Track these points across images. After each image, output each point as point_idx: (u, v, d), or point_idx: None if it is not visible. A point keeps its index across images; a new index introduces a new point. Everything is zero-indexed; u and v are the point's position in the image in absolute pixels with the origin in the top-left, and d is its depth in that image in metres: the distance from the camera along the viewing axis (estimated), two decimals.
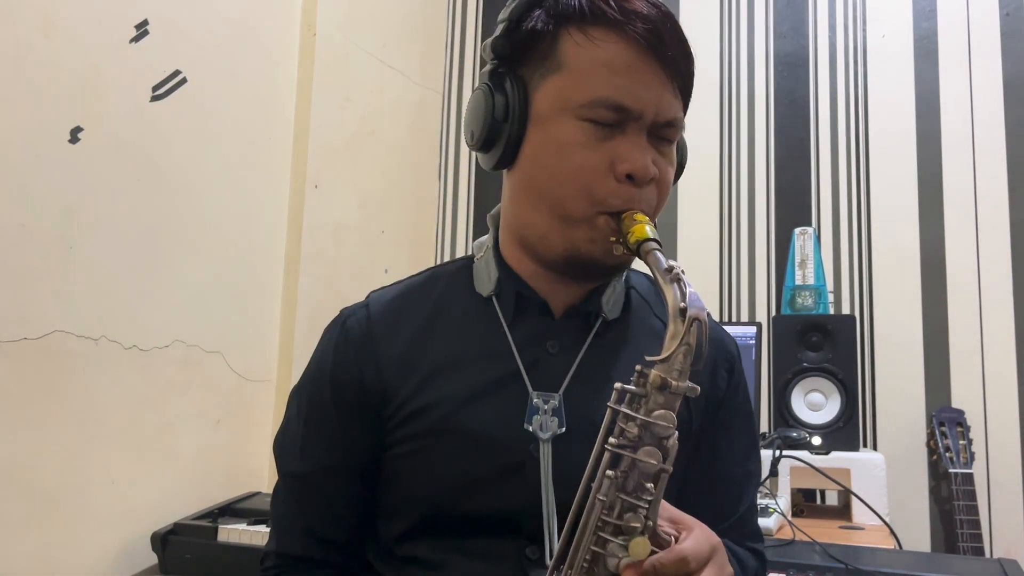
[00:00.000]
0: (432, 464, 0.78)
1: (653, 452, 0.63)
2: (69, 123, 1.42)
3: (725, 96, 2.34)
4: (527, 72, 0.77)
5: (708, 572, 0.63)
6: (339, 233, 2.11)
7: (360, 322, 0.84)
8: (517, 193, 0.80)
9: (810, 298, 1.99)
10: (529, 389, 0.78)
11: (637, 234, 0.70)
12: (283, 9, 1.98)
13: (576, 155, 0.73)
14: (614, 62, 0.73)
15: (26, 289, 1.36)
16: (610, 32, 0.73)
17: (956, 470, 1.82)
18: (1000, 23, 2.09)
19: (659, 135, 0.76)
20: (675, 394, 0.63)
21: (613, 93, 0.73)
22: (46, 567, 1.38)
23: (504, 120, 0.76)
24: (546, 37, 0.76)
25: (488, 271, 0.83)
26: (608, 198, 0.73)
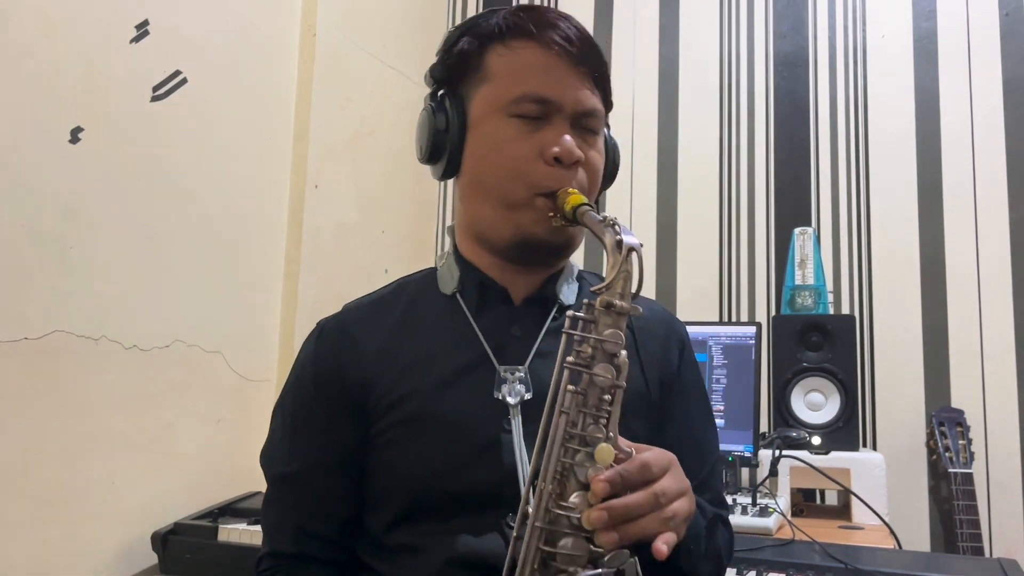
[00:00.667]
0: (413, 450, 0.83)
1: (607, 368, 0.71)
2: (69, 123, 1.43)
3: (725, 96, 2.34)
4: (462, 89, 0.89)
5: (668, 479, 0.71)
6: (339, 233, 2.11)
7: (336, 324, 0.92)
8: (466, 194, 0.90)
9: (810, 298, 1.99)
10: (496, 365, 0.85)
11: (571, 202, 0.80)
12: (283, 9, 1.98)
13: (509, 147, 0.84)
14: (533, 64, 0.84)
15: (26, 289, 1.36)
16: (528, 41, 0.85)
17: (956, 470, 1.82)
18: (1000, 24, 2.09)
19: (582, 125, 0.86)
20: (620, 314, 0.72)
21: (534, 88, 0.83)
22: (46, 567, 1.38)
23: (445, 131, 0.87)
24: (474, 55, 0.87)
25: (451, 272, 0.92)
26: (542, 180, 0.83)
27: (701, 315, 2.24)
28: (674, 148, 2.38)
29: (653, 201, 2.37)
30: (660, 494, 0.69)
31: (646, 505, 0.68)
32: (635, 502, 0.68)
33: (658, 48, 2.43)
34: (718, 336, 1.88)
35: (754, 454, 1.77)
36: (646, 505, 0.68)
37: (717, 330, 1.89)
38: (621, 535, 0.67)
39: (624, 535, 0.67)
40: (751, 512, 1.57)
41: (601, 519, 0.66)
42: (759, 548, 1.39)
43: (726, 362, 1.85)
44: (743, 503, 1.63)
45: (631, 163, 2.42)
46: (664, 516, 0.69)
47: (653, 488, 0.69)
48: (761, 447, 1.78)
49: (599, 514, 0.66)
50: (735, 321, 2.23)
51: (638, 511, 0.68)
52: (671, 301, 2.30)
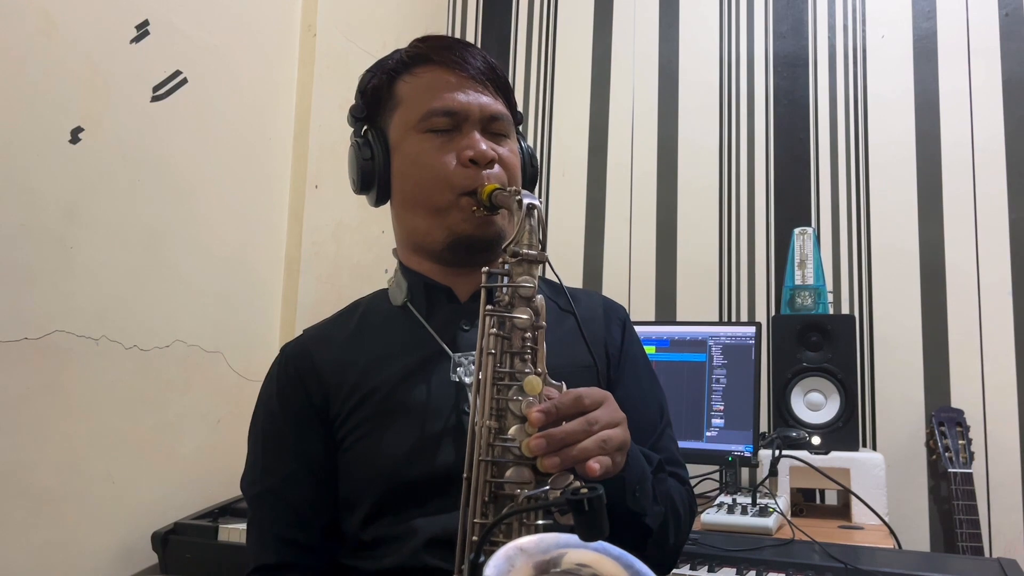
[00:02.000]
0: (380, 443, 0.88)
1: (524, 310, 0.79)
2: (70, 123, 1.43)
3: (725, 96, 2.34)
4: (380, 120, 0.99)
5: (601, 411, 0.76)
6: (339, 233, 2.11)
7: (296, 345, 0.99)
8: (399, 212, 0.99)
9: (809, 298, 2.00)
10: (450, 353, 0.93)
11: (487, 190, 0.88)
12: (283, 9, 1.98)
13: (428, 159, 0.93)
14: (434, 83, 0.95)
15: (26, 289, 1.36)
16: (427, 66, 0.96)
17: (955, 470, 1.82)
18: (999, 24, 2.09)
19: (491, 130, 0.95)
20: (528, 261, 0.80)
21: (440, 103, 0.93)
22: (46, 567, 1.38)
23: (371, 159, 0.97)
24: (384, 88, 0.98)
25: (399, 285, 1.00)
26: (462, 181, 0.91)
27: (701, 315, 2.25)
28: (674, 148, 2.38)
29: (653, 201, 2.38)
30: (593, 422, 0.74)
31: (581, 431, 0.73)
32: (571, 428, 0.73)
33: (658, 48, 2.44)
34: (718, 336, 1.88)
35: (754, 454, 1.77)
36: (581, 431, 0.73)
37: (717, 330, 1.89)
38: (561, 459, 0.72)
39: (564, 459, 0.72)
40: (751, 512, 1.57)
41: (540, 446, 0.72)
42: (759, 548, 1.39)
43: (726, 362, 1.85)
44: (743, 503, 1.63)
45: (631, 163, 2.42)
46: (600, 439, 0.73)
47: (587, 416, 0.74)
48: (761, 447, 1.78)
49: (538, 441, 0.72)
50: (735, 321, 2.23)
51: (574, 437, 0.73)
52: (671, 301, 2.30)
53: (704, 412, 1.83)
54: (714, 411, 1.83)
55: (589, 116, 2.49)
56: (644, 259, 2.35)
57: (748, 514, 1.56)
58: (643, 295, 2.32)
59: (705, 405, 1.83)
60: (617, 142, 2.44)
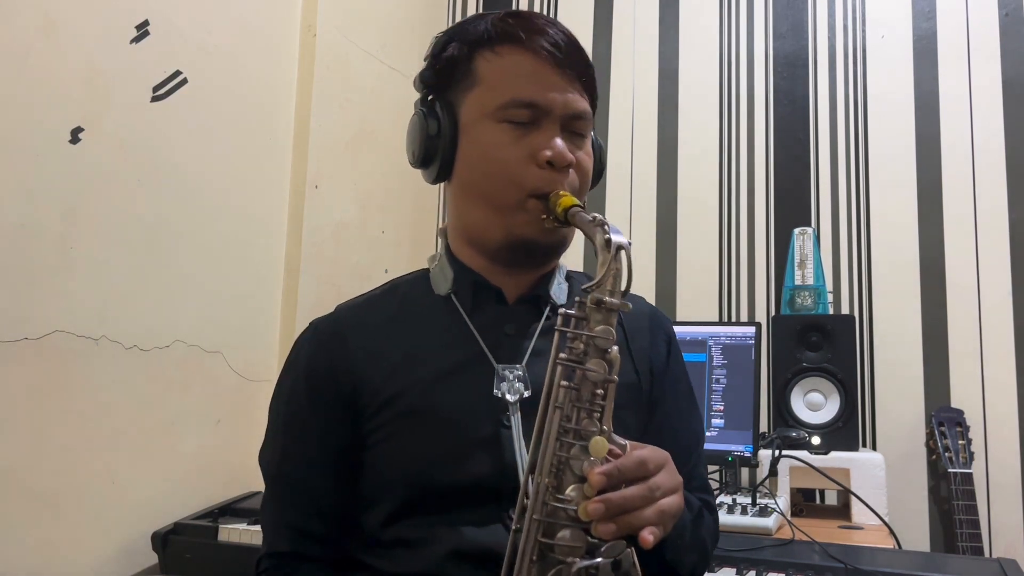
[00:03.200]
0: (410, 444, 0.84)
1: (599, 363, 0.73)
2: (70, 123, 1.43)
3: (725, 96, 2.34)
4: (452, 94, 0.89)
5: (662, 475, 0.72)
6: (339, 233, 2.11)
7: (329, 323, 0.93)
8: (458, 198, 0.91)
9: (809, 298, 2.00)
10: (494, 363, 0.87)
11: (562, 204, 0.81)
12: (283, 9, 1.98)
13: (500, 152, 0.85)
14: (521, 69, 0.86)
15: (26, 289, 1.36)
16: (515, 47, 0.86)
17: (955, 470, 1.82)
18: (999, 24, 2.09)
19: (571, 128, 0.87)
20: (610, 310, 0.73)
21: (523, 93, 0.85)
22: (46, 567, 1.38)
23: (437, 135, 0.88)
24: (462, 61, 0.89)
25: (444, 273, 0.93)
26: (534, 183, 0.84)
27: (701, 315, 2.24)
28: (674, 148, 2.38)
29: (653, 201, 2.37)
30: (655, 488, 0.71)
31: (641, 499, 0.70)
32: (631, 495, 0.69)
33: (658, 48, 2.44)
34: (718, 336, 1.88)
35: (754, 454, 1.77)
36: (641, 499, 0.70)
37: (717, 330, 1.89)
38: (618, 526, 0.68)
39: (621, 526, 0.68)
40: (751, 512, 1.57)
41: (598, 511, 0.68)
42: (759, 548, 1.39)
43: (726, 362, 1.85)
44: (743, 503, 1.63)
45: (631, 163, 2.42)
46: (659, 509, 0.70)
47: (648, 483, 0.71)
48: (761, 447, 1.78)
49: (596, 506, 0.68)
50: (735, 321, 2.23)
51: (633, 504, 0.69)
52: (671, 301, 2.30)
53: (704, 412, 1.83)
54: (714, 411, 1.83)
55: None
56: (644, 259, 2.35)
57: (748, 514, 1.56)
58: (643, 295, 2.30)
59: (705, 405, 1.83)
60: (617, 142, 2.44)
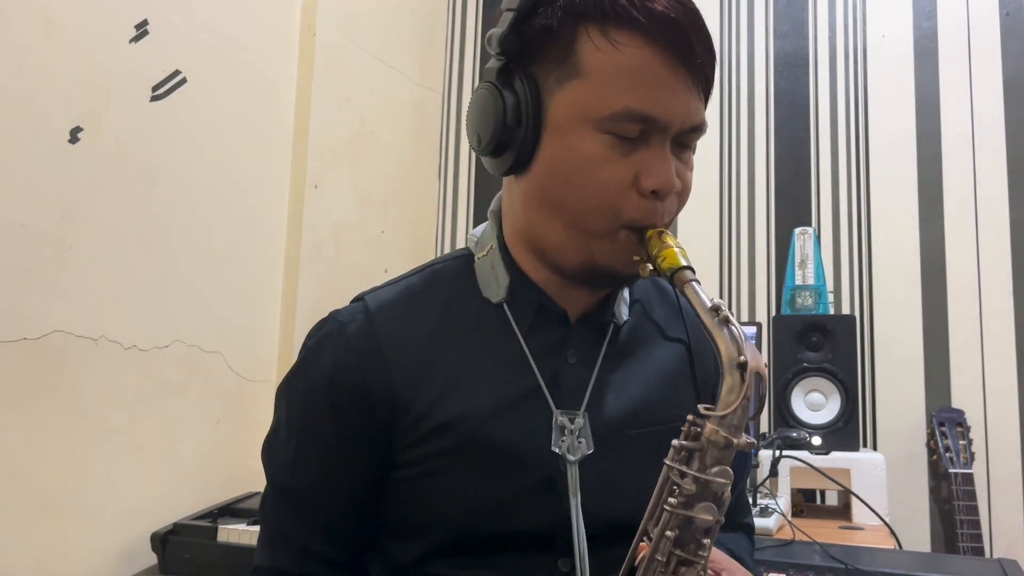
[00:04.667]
0: (459, 484, 0.74)
1: (710, 508, 0.61)
2: (69, 123, 1.42)
3: (725, 96, 2.34)
4: (539, 73, 0.71)
5: None
6: (339, 233, 2.11)
7: (362, 327, 0.77)
8: (530, 200, 0.74)
9: (810, 298, 1.99)
10: (553, 408, 0.74)
11: (670, 260, 0.66)
12: (283, 9, 1.98)
13: (598, 170, 0.69)
14: (640, 71, 0.67)
15: (26, 289, 1.35)
16: (634, 36, 0.67)
17: (956, 470, 1.82)
18: (1000, 23, 2.09)
19: (682, 142, 0.72)
20: (732, 450, 0.61)
21: (639, 104, 0.67)
22: (46, 567, 1.38)
23: (516, 125, 0.71)
24: (562, 37, 0.69)
25: (496, 275, 0.78)
26: (632, 214, 0.69)
27: None
28: None
29: None
30: None
31: None
32: None
33: None
34: None
35: (755, 454, 1.77)
36: None
37: None
38: None
39: None
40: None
41: None
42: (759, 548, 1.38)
43: None
44: None
45: None
46: None
47: None
48: (761, 447, 1.78)
49: None
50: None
51: None
52: None
53: None
54: None
55: None
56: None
57: None
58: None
59: None
60: None
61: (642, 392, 0.79)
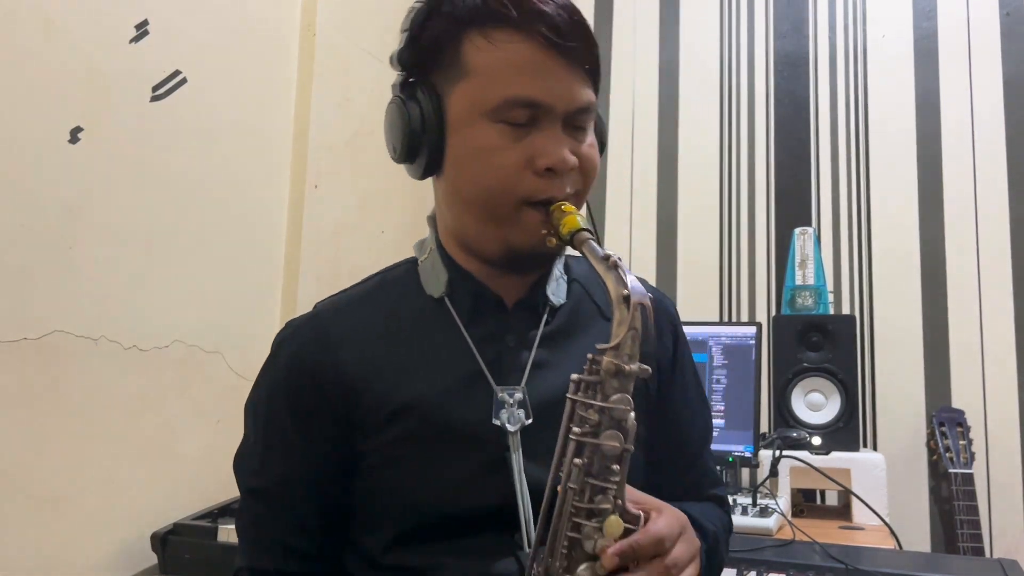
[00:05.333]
0: (415, 468, 0.79)
1: (615, 435, 0.67)
2: (69, 123, 1.42)
3: (725, 96, 2.34)
4: (437, 79, 0.79)
5: (679, 548, 0.68)
6: (339, 233, 2.11)
7: (312, 330, 0.85)
8: (448, 198, 0.82)
9: (810, 298, 1.99)
10: (493, 385, 0.80)
11: (569, 225, 0.73)
12: (283, 9, 1.98)
13: (494, 157, 0.75)
14: (518, 61, 0.75)
15: (26, 289, 1.35)
16: (510, 32, 0.75)
17: (956, 470, 1.82)
18: (1000, 23, 2.09)
19: (574, 123, 0.78)
20: (628, 377, 0.67)
21: (522, 91, 0.74)
22: (46, 567, 1.38)
23: (422, 130, 0.78)
24: (448, 43, 0.78)
25: (436, 272, 0.85)
26: (531, 192, 0.76)
27: (701, 315, 2.24)
28: (674, 148, 2.37)
29: (653, 201, 2.37)
30: (672, 565, 0.67)
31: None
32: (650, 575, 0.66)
33: (658, 48, 2.43)
34: (718, 336, 1.88)
35: (754, 454, 1.77)
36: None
37: (717, 330, 1.89)
38: None
39: None
40: (751, 512, 1.57)
41: None
42: (759, 548, 1.39)
43: (726, 362, 1.85)
44: (743, 503, 1.63)
45: (631, 163, 2.41)
46: None
47: (665, 560, 0.67)
48: (761, 447, 1.78)
49: None
50: (735, 321, 2.23)
51: None
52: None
53: None
54: (715, 411, 1.82)
55: None
56: (644, 259, 2.35)
57: (749, 514, 1.56)
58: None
59: None
60: (617, 142, 2.44)
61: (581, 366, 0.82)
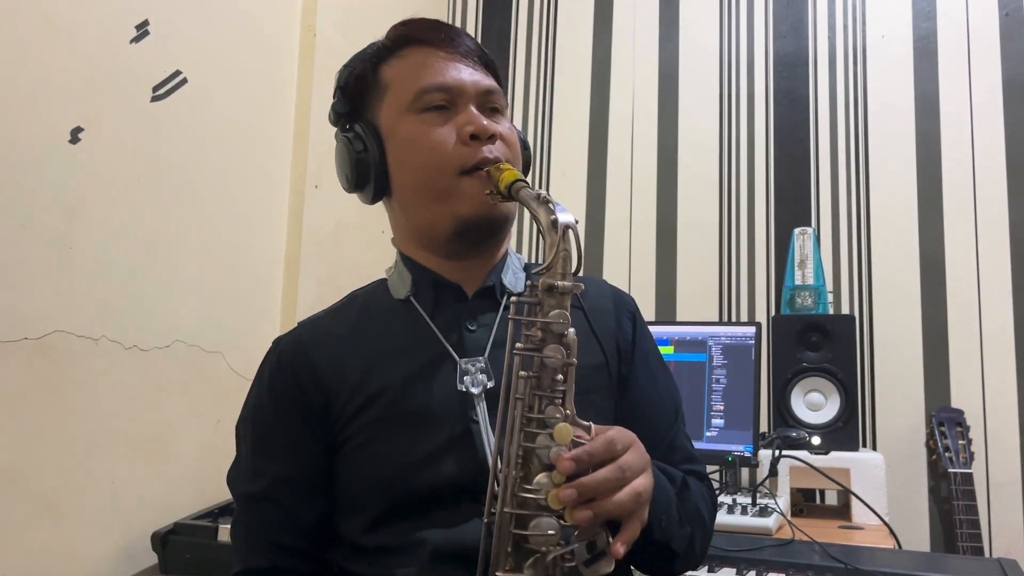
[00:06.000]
0: (384, 450, 0.84)
1: (557, 348, 0.72)
2: (69, 123, 1.42)
3: (725, 96, 2.34)
4: (367, 112, 0.93)
5: (630, 455, 0.72)
6: (339, 233, 2.11)
7: (290, 341, 0.93)
8: (401, 205, 0.93)
9: (810, 298, 2.00)
10: (456, 358, 0.87)
11: (506, 179, 0.81)
12: (283, 9, 1.98)
13: (426, 140, 0.86)
14: (421, 60, 0.90)
15: (26, 289, 1.36)
16: (413, 47, 0.92)
17: (955, 470, 1.82)
18: (1000, 24, 2.09)
19: (487, 105, 0.90)
20: (563, 293, 0.73)
21: (432, 79, 0.88)
22: (46, 567, 1.38)
23: (364, 151, 0.90)
24: (368, 75, 0.93)
25: (401, 278, 0.94)
26: (465, 160, 0.85)
27: (701, 315, 2.24)
28: (674, 148, 2.38)
29: (653, 201, 2.37)
30: (625, 468, 0.70)
31: (614, 480, 0.69)
32: (604, 477, 0.68)
33: (658, 48, 2.43)
34: (718, 336, 1.88)
35: (754, 454, 1.77)
36: (614, 480, 0.69)
37: (717, 330, 1.89)
38: (593, 511, 0.67)
39: (596, 511, 0.67)
40: (751, 512, 1.57)
41: (571, 497, 0.67)
42: (759, 548, 1.39)
43: (726, 362, 1.85)
44: (743, 503, 1.63)
45: (631, 163, 2.42)
46: (634, 491, 0.70)
47: (618, 463, 0.70)
48: (761, 447, 1.78)
49: (568, 492, 0.67)
50: (735, 321, 2.23)
51: (607, 486, 0.68)
52: (671, 301, 2.30)
53: (704, 412, 1.83)
54: (714, 411, 1.83)
55: (589, 116, 2.49)
56: (644, 259, 2.35)
57: (748, 514, 1.56)
58: (643, 295, 2.32)
59: (705, 405, 1.83)
60: (617, 142, 2.44)
61: None
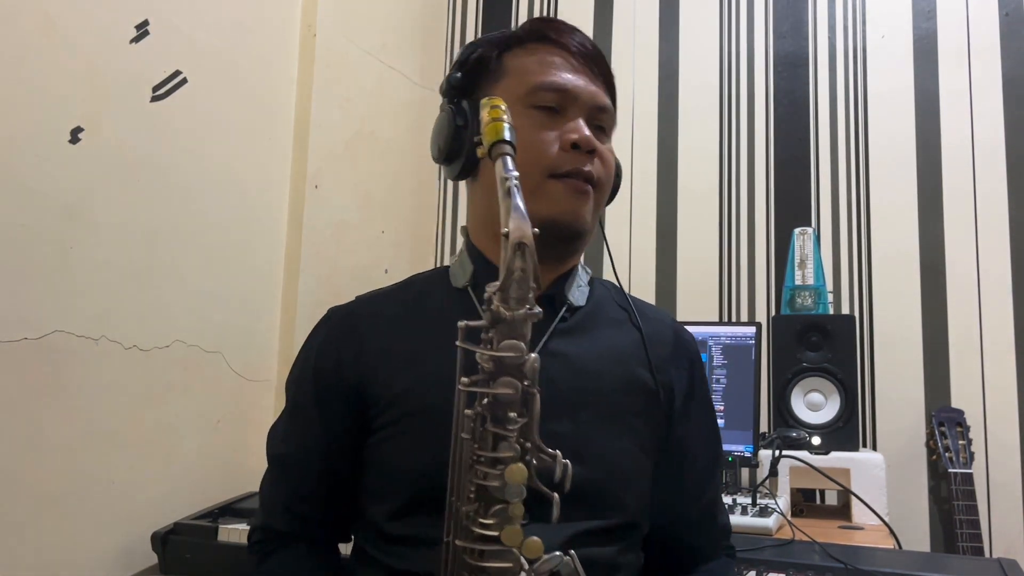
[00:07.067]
0: (413, 443, 0.84)
1: (510, 382, 0.64)
2: (69, 123, 1.42)
3: (725, 96, 2.34)
4: (480, 92, 0.89)
5: None
6: (339, 233, 2.11)
7: (344, 314, 0.94)
8: (485, 190, 0.89)
9: (810, 298, 1.99)
10: None
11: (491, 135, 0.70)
12: (283, 9, 1.98)
13: (527, 135, 0.84)
14: (549, 59, 0.89)
15: (26, 289, 1.36)
16: (544, 44, 0.90)
17: (955, 470, 1.82)
18: (1000, 23, 2.09)
19: (595, 122, 0.89)
20: (517, 322, 0.64)
21: (550, 78, 0.87)
22: (46, 567, 1.38)
23: (464, 128, 0.88)
24: (492, 60, 0.91)
25: (463, 267, 0.92)
26: (555, 165, 0.85)
27: (701, 315, 2.24)
28: (674, 148, 2.37)
29: (653, 201, 2.37)
30: None
31: None
32: None
33: (658, 48, 2.43)
34: (718, 336, 1.88)
35: (754, 454, 1.77)
36: None
37: (717, 330, 1.89)
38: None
39: None
40: (751, 512, 1.57)
41: None
42: (759, 548, 1.39)
43: (726, 362, 1.85)
44: (743, 503, 1.63)
45: (631, 163, 2.41)
46: None
47: None
48: (761, 447, 1.78)
49: None
50: (735, 321, 2.23)
51: None
52: (671, 301, 2.30)
53: None
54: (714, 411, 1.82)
55: None
56: (644, 259, 2.35)
57: (748, 514, 1.56)
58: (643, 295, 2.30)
59: None
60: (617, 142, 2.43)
61: (593, 366, 0.88)
